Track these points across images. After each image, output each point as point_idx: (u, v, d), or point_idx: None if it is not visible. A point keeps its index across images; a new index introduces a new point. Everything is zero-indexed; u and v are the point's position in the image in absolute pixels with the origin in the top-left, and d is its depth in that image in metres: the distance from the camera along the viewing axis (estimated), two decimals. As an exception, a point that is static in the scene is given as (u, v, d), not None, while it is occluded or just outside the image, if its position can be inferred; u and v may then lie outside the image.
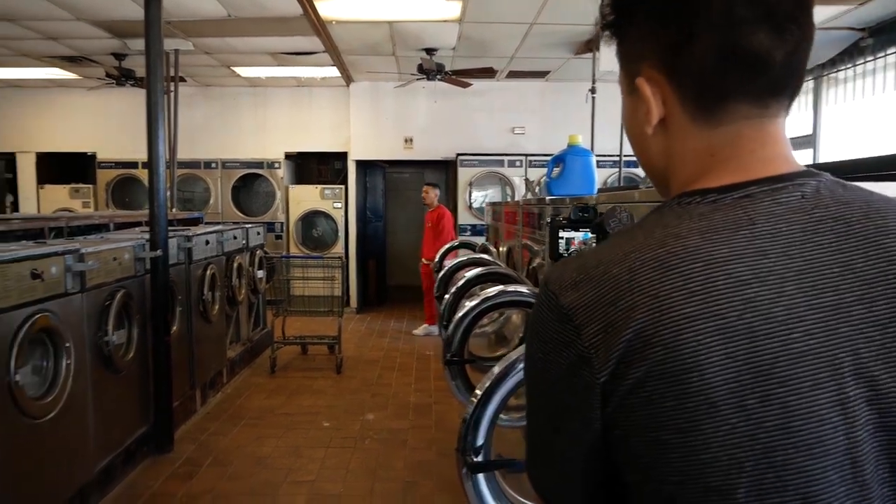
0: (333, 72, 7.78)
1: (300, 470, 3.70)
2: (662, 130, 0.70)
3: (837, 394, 0.56)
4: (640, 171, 8.38)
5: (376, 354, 6.49)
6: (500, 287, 2.91)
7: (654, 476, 0.58)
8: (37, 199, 8.48)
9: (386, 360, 6.28)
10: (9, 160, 8.93)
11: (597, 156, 7.47)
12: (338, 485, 3.54)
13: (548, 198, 3.30)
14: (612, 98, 6.05)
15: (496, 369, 1.59)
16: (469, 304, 2.71)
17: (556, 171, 3.47)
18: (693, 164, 0.68)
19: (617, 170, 7.60)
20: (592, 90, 6.85)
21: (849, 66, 6.36)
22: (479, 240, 7.61)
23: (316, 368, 5.94)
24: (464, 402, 2.59)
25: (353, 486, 3.53)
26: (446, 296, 3.60)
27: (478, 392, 1.58)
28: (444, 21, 5.92)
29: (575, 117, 7.53)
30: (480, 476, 1.52)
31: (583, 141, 7.47)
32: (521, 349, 1.64)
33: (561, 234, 2.03)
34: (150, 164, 3.83)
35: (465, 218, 8.40)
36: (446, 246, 6.20)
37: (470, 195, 8.40)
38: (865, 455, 0.56)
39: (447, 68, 7.21)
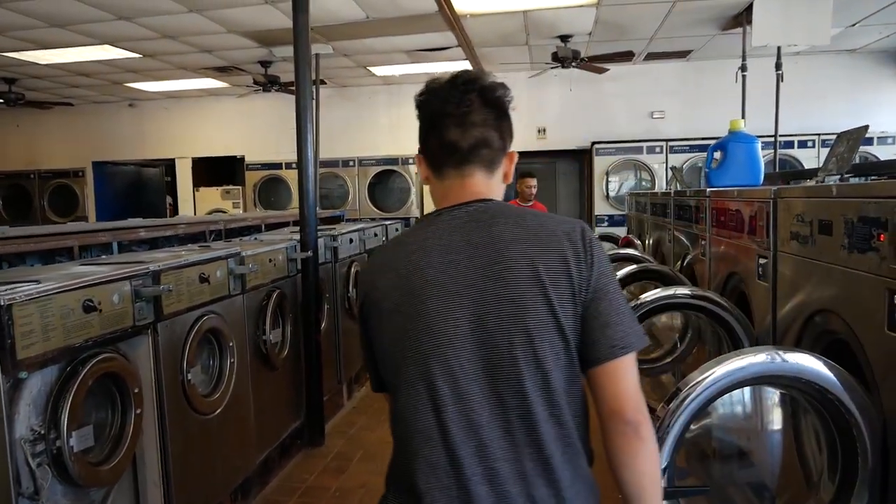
0: (466, 66, 7.75)
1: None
2: (429, 183, 1.29)
3: (451, 302, 1.12)
4: (794, 153, 7.75)
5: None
6: (660, 290, 2.72)
7: (375, 346, 1.23)
8: (193, 201, 9.15)
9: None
10: (169, 165, 9.72)
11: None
12: None
13: (708, 189, 3.05)
14: (761, 74, 5.59)
15: (681, 385, 1.44)
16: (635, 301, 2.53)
17: (717, 159, 3.19)
18: (437, 199, 1.28)
19: (771, 152, 7.05)
20: (742, 68, 6.35)
21: None
22: (619, 231, 7.32)
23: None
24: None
25: None
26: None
27: (662, 412, 1.43)
28: (581, 6, 5.69)
29: (720, 98, 7.05)
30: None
31: (722, 124, 7.06)
32: (713, 363, 1.47)
33: None
34: (300, 167, 3.95)
35: (601, 208, 8.11)
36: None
37: (607, 185, 8.09)
38: (461, 333, 1.11)
39: (583, 55, 6.97)
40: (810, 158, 7.74)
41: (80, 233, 3.09)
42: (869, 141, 7.68)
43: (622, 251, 4.39)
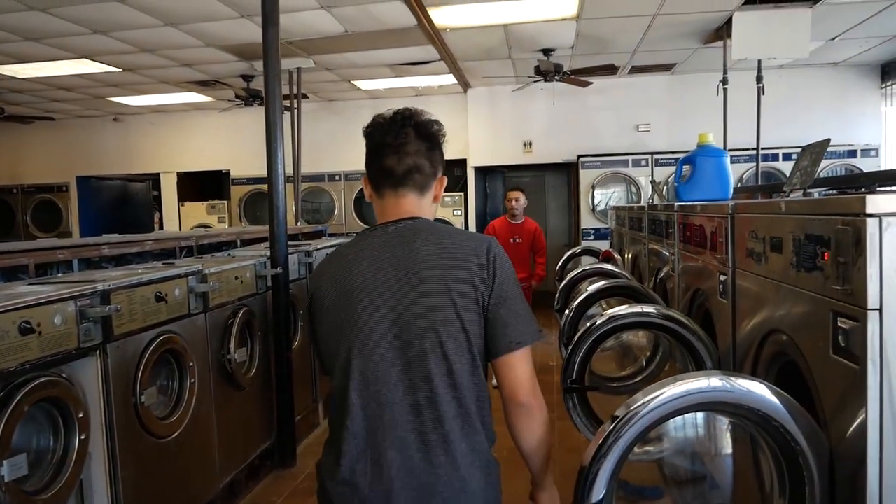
0: (450, 79, 7.74)
1: None
2: (372, 200, 1.55)
3: (376, 303, 1.39)
4: (777, 165, 7.73)
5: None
6: (626, 307, 2.66)
7: (318, 340, 1.51)
8: (178, 216, 9.09)
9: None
10: (155, 180, 9.67)
11: (730, 150, 6.99)
12: None
13: (676, 204, 2.99)
14: (745, 87, 5.58)
15: (619, 412, 1.38)
16: (591, 323, 2.48)
17: (686, 173, 3.14)
18: (377, 215, 1.53)
19: (753, 164, 7.02)
20: (724, 81, 6.35)
21: None
22: (603, 245, 7.27)
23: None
24: (587, 436, 2.37)
25: None
26: (566, 311, 3.38)
27: (595, 442, 1.37)
28: (561, 20, 5.68)
29: (705, 111, 7.02)
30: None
31: (715, 136, 6.99)
32: (656, 387, 1.41)
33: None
34: (270, 182, 3.90)
35: (587, 221, 8.07)
36: (568, 253, 5.94)
37: (593, 198, 8.05)
38: (383, 328, 1.38)
39: (566, 68, 6.95)
40: (795, 171, 7.71)
41: (35, 250, 3.01)
42: (852, 153, 7.69)
43: (600, 266, 4.33)
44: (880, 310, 1.26)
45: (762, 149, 6.70)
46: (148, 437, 2.70)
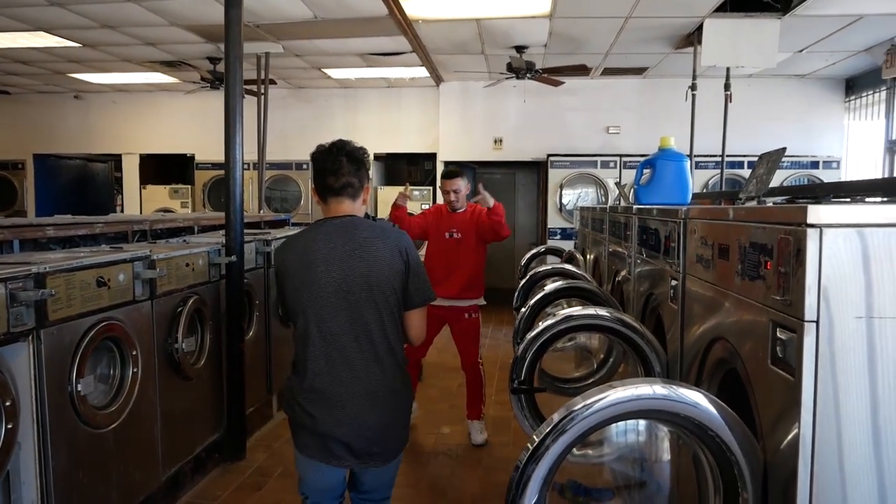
0: (422, 72, 7.66)
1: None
2: (320, 205, 2.25)
3: (328, 270, 2.11)
4: (743, 173, 7.81)
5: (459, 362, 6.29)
6: (579, 308, 2.64)
7: (286, 296, 2.21)
8: (139, 199, 8.87)
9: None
10: (117, 161, 9.41)
11: (697, 156, 7.05)
12: (404, 502, 3.37)
13: (634, 206, 2.98)
14: (714, 94, 5.60)
15: (555, 416, 1.35)
16: (543, 324, 2.45)
17: (646, 177, 3.14)
18: (324, 214, 2.24)
19: (718, 171, 7.08)
20: (692, 87, 6.39)
21: None
22: (568, 245, 7.28)
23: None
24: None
25: (422, 505, 3.36)
26: (523, 308, 3.35)
27: (528, 445, 1.34)
28: (534, 17, 5.65)
29: (675, 116, 7.06)
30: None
31: (681, 141, 7.02)
32: (595, 392, 1.38)
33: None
34: (227, 168, 3.80)
35: (554, 221, 8.08)
36: (532, 251, 5.92)
37: (560, 198, 8.06)
38: (334, 285, 2.11)
39: (538, 66, 6.93)
40: (759, 179, 7.79)
41: (-28, 230, 2.88)
42: (815, 165, 7.82)
43: (561, 266, 4.30)
44: (817, 322, 1.25)
45: (728, 156, 6.78)
46: (84, 427, 2.60)
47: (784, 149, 2.52)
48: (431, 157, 8.76)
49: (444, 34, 6.21)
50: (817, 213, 1.24)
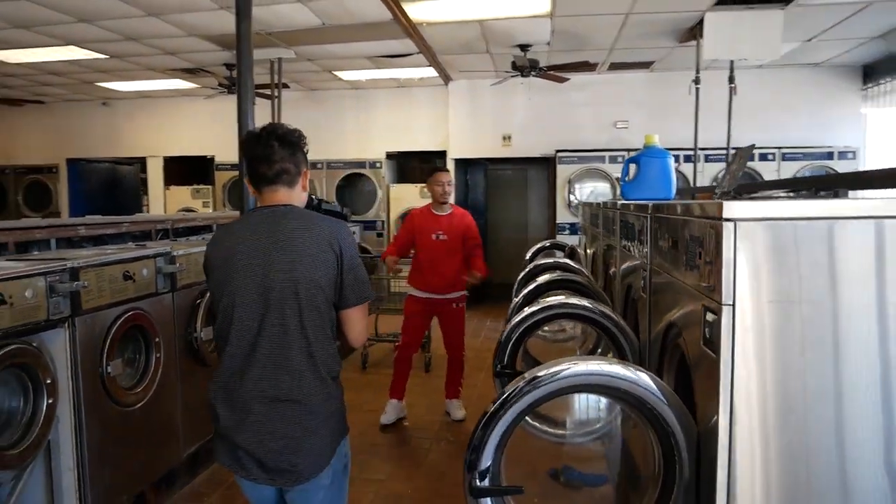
0: (431, 72, 7.87)
1: (373, 468, 3.80)
2: (255, 195, 2.03)
3: (249, 262, 1.89)
4: (755, 165, 7.87)
5: (467, 354, 6.51)
6: (561, 298, 2.84)
7: (211, 290, 2.01)
8: (164, 200, 9.23)
9: (476, 359, 6.28)
10: (142, 164, 9.81)
11: (706, 149, 7.14)
12: (406, 485, 3.60)
13: (618, 202, 3.17)
14: (723, 86, 5.65)
15: (507, 389, 1.56)
16: (524, 312, 2.66)
17: (631, 173, 3.32)
18: (259, 203, 2.01)
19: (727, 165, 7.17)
20: (696, 80, 6.50)
21: None
22: (575, 240, 7.44)
23: (406, 366, 6.03)
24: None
25: (421, 487, 3.58)
26: (515, 299, 3.56)
27: (486, 410, 1.55)
28: (534, 17, 5.83)
29: (685, 109, 7.07)
30: (487, 501, 1.50)
31: (686, 134, 7.11)
32: (543, 367, 1.59)
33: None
34: (241, 171, 4.04)
35: (563, 216, 8.24)
36: (537, 246, 6.09)
37: (569, 193, 8.22)
38: (254, 280, 1.88)
39: (544, 64, 7.10)
40: (770, 172, 7.83)
41: (15, 229, 3.18)
42: (830, 156, 7.73)
43: (559, 260, 4.49)
44: (733, 305, 1.44)
45: (733, 148, 6.85)
46: (113, 404, 2.88)
47: (753, 145, 2.69)
48: (442, 154, 8.97)
49: (449, 35, 6.41)
50: (731, 208, 1.43)
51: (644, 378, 1.60)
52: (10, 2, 5.02)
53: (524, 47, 6.77)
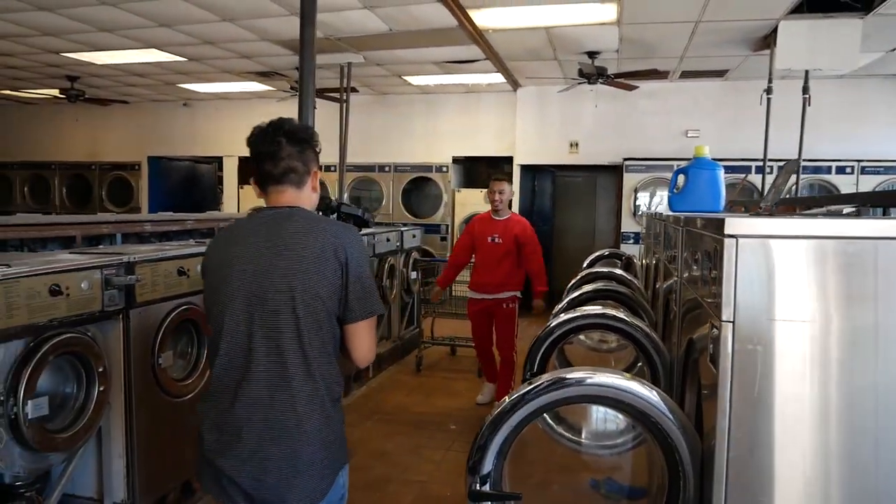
0: (499, 78, 7.90)
1: (415, 469, 3.85)
2: (259, 194, 1.87)
3: (244, 273, 1.71)
4: (832, 178, 7.51)
5: (522, 360, 6.49)
6: (599, 308, 2.82)
7: (205, 296, 1.83)
8: (237, 198, 9.63)
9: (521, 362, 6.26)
10: (220, 162, 10.27)
11: (775, 160, 6.86)
12: (447, 488, 3.63)
13: (665, 214, 3.11)
14: (792, 96, 5.41)
15: (509, 396, 1.58)
16: (562, 317, 2.66)
17: (680, 184, 3.25)
18: (263, 202, 1.86)
19: (805, 177, 6.88)
20: (768, 90, 6.26)
21: None
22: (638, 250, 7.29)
23: (460, 370, 6.08)
24: (542, 427, 2.54)
25: (462, 491, 3.59)
26: (558, 306, 3.55)
27: (489, 417, 1.57)
28: (601, 24, 5.77)
29: (757, 118, 6.82)
30: (485, 505, 1.52)
31: (753, 146, 6.82)
32: (548, 376, 1.60)
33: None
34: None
35: (628, 225, 8.10)
36: (596, 254, 6.02)
37: (635, 202, 8.06)
38: (248, 288, 1.70)
39: (612, 71, 7.01)
40: (849, 185, 7.47)
41: (82, 224, 3.41)
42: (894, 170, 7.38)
43: (611, 270, 4.43)
44: (733, 322, 1.41)
45: (815, 160, 6.55)
46: (163, 395, 3.04)
47: (799, 159, 2.59)
48: (508, 160, 8.97)
49: (516, 42, 6.43)
50: (733, 225, 1.41)
51: (646, 392, 1.58)
52: (97, 7, 5.39)
53: (592, 54, 6.71)
